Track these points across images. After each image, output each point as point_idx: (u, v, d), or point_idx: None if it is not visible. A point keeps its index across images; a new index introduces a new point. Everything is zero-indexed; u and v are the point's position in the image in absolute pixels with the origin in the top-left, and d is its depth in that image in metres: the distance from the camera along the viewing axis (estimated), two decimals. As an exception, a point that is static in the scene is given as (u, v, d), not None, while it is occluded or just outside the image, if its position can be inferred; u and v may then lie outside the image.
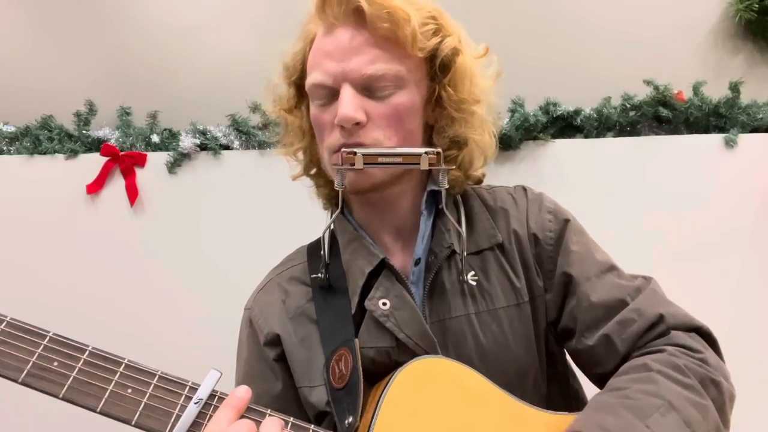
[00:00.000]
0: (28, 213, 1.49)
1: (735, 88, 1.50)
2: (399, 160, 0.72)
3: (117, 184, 1.49)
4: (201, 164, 1.51)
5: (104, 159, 1.48)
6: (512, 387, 0.73)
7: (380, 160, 0.71)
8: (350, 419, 0.68)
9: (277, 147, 0.92)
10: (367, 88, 0.72)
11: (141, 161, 1.50)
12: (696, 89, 1.52)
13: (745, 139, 1.48)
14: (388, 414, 0.67)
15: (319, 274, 0.79)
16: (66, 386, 0.55)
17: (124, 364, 0.58)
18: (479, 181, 0.87)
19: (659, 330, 0.73)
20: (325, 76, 0.72)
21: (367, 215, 0.82)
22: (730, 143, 1.48)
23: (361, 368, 0.71)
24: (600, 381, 0.75)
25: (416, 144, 0.76)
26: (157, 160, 1.50)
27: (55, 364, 0.56)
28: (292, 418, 0.64)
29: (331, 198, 0.87)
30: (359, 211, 0.83)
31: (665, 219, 1.47)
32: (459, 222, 0.80)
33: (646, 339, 0.73)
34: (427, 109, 0.78)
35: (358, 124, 0.71)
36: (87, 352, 0.57)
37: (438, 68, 0.75)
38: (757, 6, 1.56)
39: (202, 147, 1.52)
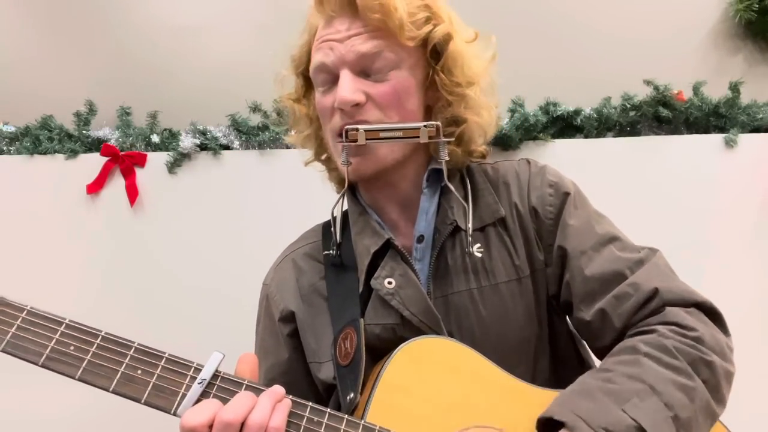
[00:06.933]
0: (28, 213, 1.49)
1: (735, 88, 1.51)
2: (399, 134, 0.75)
3: (117, 184, 1.49)
4: (201, 164, 1.51)
5: (104, 159, 1.48)
6: (515, 358, 0.75)
7: (381, 135, 0.74)
8: (351, 395, 0.71)
9: (287, 136, 0.96)
10: (365, 71, 0.76)
11: (141, 161, 1.50)
12: (696, 89, 1.52)
13: (745, 139, 1.49)
14: (384, 392, 0.69)
15: (331, 252, 0.82)
16: (81, 368, 0.59)
17: (134, 348, 0.62)
18: (482, 156, 0.88)
19: (653, 305, 0.72)
20: (326, 58, 0.76)
21: (372, 194, 0.84)
22: (730, 143, 1.48)
23: (364, 347, 0.73)
24: (601, 354, 0.75)
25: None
26: (157, 160, 1.50)
27: (72, 348, 0.60)
28: (291, 396, 0.64)
29: (343, 181, 0.89)
30: (365, 191, 0.85)
31: (665, 219, 1.47)
32: (465, 198, 0.81)
33: (642, 315, 0.73)
34: (427, 92, 0.81)
35: (357, 105, 0.75)
36: (100, 337, 0.61)
37: (430, 54, 0.78)
38: (757, 6, 1.56)
39: (202, 147, 1.52)
